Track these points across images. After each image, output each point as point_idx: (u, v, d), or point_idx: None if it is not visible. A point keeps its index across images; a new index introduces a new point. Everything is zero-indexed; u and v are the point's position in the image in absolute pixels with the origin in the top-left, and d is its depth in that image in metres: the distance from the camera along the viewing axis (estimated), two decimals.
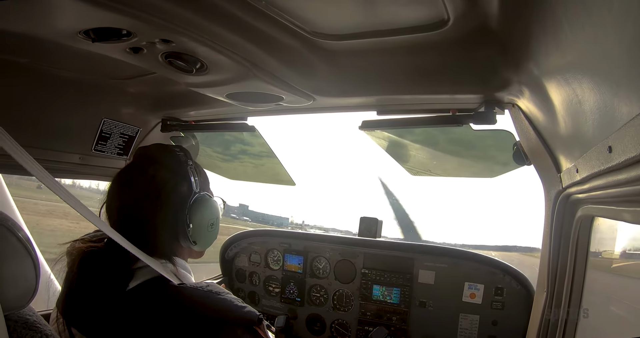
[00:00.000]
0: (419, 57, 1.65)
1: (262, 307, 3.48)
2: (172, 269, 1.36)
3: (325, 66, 1.77)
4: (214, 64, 1.60)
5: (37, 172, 1.05)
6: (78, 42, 1.39)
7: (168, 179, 1.40)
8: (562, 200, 1.72)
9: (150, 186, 1.37)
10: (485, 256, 2.78)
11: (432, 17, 1.36)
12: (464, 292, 2.75)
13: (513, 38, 1.35)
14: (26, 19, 1.23)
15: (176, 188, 1.41)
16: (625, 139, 0.84)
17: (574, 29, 0.94)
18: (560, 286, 1.87)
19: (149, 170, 1.40)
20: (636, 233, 1.76)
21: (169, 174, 1.41)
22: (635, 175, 0.89)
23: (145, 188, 1.37)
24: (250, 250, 3.54)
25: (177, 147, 1.53)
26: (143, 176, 1.39)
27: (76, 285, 1.31)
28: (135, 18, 1.24)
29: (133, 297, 1.27)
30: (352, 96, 2.06)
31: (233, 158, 3.48)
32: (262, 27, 1.46)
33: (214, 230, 1.52)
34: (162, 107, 2.64)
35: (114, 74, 2.17)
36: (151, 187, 1.37)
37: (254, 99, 2.01)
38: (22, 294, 1.17)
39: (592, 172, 1.13)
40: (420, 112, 2.12)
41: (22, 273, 1.16)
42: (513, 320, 2.60)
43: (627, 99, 0.83)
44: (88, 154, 2.49)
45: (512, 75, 1.60)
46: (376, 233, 3.14)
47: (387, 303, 2.96)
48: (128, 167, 1.48)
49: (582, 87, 1.06)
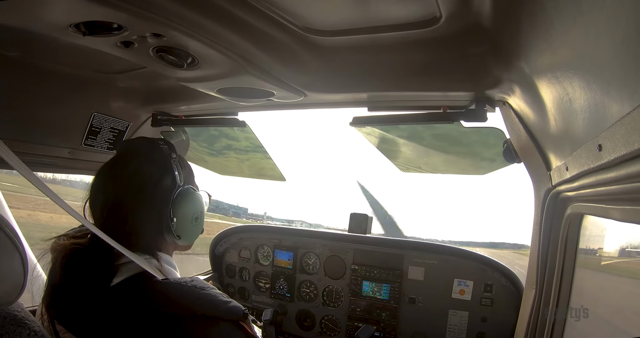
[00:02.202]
0: (411, 54, 1.65)
1: (252, 302, 3.48)
2: (156, 265, 1.36)
3: (316, 62, 1.76)
4: (205, 58, 1.59)
5: (18, 166, 1.04)
6: (69, 36, 1.37)
7: (152, 173, 1.40)
8: (552, 198, 1.73)
9: (133, 179, 1.37)
10: (475, 252, 2.80)
11: (424, 15, 1.36)
12: (454, 288, 2.76)
13: (504, 36, 1.35)
14: (17, 12, 1.22)
15: (160, 181, 1.40)
16: (615, 137, 0.85)
17: (565, 28, 0.94)
18: (549, 283, 1.89)
19: (132, 163, 1.40)
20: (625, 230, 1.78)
21: (152, 168, 1.41)
22: (625, 173, 0.90)
23: (128, 182, 1.37)
24: (240, 246, 3.53)
25: (162, 140, 1.52)
26: (126, 170, 1.39)
27: (60, 281, 1.30)
28: (127, 12, 1.23)
29: (117, 293, 1.26)
30: (343, 92, 2.06)
31: (218, 152, 3.47)
32: (254, 22, 1.45)
33: (199, 223, 1.51)
34: (153, 102, 2.62)
35: (105, 68, 2.15)
36: (134, 180, 1.37)
37: (245, 95, 2.00)
38: (10, 290, 1.16)
39: (582, 170, 1.14)
40: (411, 109, 2.12)
41: (10, 268, 1.15)
42: (502, 317, 2.62)
43: (618, 98, 0.83)
44: (78, 149, 2.46)
45: (503, 73, 1.61)
46: (366, 229, 3.15)
47: (377, 299, 2.97)
48: (112, 161, 1.47)
49: (572, 86, 1.06)
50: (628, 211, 1.13)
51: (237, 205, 14.24)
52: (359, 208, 5.21)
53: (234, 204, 13.88)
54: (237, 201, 25.18)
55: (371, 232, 3.19)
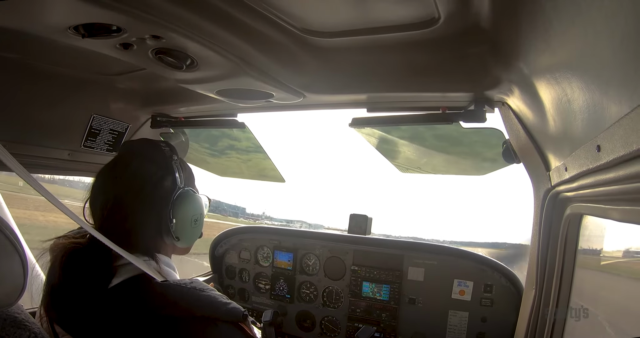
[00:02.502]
0: (410, 55, 1.65)
1: (252, 303, 3.47)
2: (154, 266, 1.36)
3: (315, 63, 1.76)
4: (204, 60, 1.59)
5: (16, 168, 1.04)
6: (68, 38, 1.37)
7: (152, 174, 1.40)
8: (551, 198, 1.73)
9: (133, 180, 1.37)
10: (475, 253, 2.80)
11: (423, 15, 1.36)
12: (454, 289, 2.76)
13: (503, 37, 1.35)
14: (16, 14, 1.22)
15: (160, 182, 1.40)
16: (614, 138, 0.85)
17: (564, 28, 0.94)
18: (549, 283, 1.89)
19: (133, 164, 1.40)
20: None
21: (153, 169, 1.41)
22: (623, 174, 0.90)
23: (128, 182, 1.37)
24: (240, 247, 3.53)
25: (163, 142, 1.52)
26: (127, 170, 1.39)
27: (58, 282, 1.30)
28: (126, 14, 1.23)
29: (115, 295, 1.26)
30: (342, 93, 2.06)
31: (220, 153, 3.46)
32: (253, 23, 1.45)
33: (198, 226, 1.51)
34: (152, 104, 2.62)
35: (104, 70, 2.15)
36: (134, 181, 1.37)
37: (244, 96, 2.00)
38: (10, 292, 1.16)
39: (581, 171, 1.14)
40: (411, 109, 2.12)
41: (10, 270, 1.15)
42: (502, 317, 2.62)
43: (617, 99, 0.84)
44: (77, 150, 2.46)
45: (502, 74, 1.61)
46: (366, 230, 3.15)
47: (377, 300, 2.97)
48: (113, 161, 1.47)
49: (571, 87, 1.07)
50: (627, 212, 1.13)
51: (236, 205, 14.05)
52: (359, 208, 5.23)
53: (232, 204, 13.67)
54: (235, 200, 24.85)
55: (371, 233, 3.19)
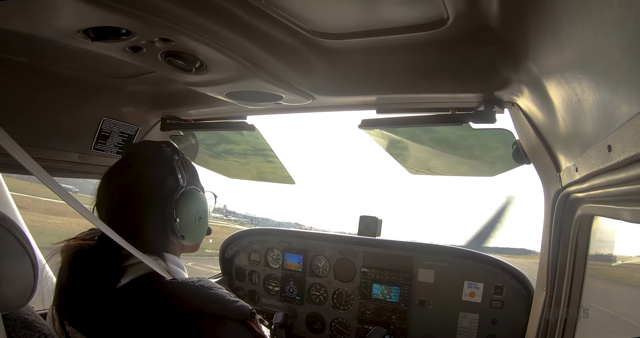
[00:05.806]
0: (419, 56, 1.65)
1: (262, 305, 3.47)
2: (163, 265, 1.37)
3: (324, 65, 1.77)
4: (213, 63, 1.60)
5: (35, 170, 1.05)
6: (77, 42, 1.39)
7: (154, 174, 1.42)
8: (562, 199, 1.72)
9: (136, 181, 1.39)
10: (485, 255, 2.78)
11: (432, 16, 1.36)
12: (464, 291, 2.74)
13: (512, 37, 1.35)
14: (26, 18, 1.23)
15: (163, 182, 1.42)
16: (625, 138, 0.84)
17: (574, 28, 0.94)
18: (559, 285, 1.87)
19: (136, 166, 1.42)
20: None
21: (155, 169, 1.43)
22: (635, 174, 0.89)
23: (132, 184, 1.39)
24: (250, 249, 3.54)
25: (164, 143, 1.54)
26: (130, 172, 1.41)
27: (68, 282, 1.32)
28: (135, 17, 1.24)
29: (125, 294, 1.28)
30: (351, 95, 2.06)
31: (227, 154, 3.48)
32: (262, 26, 1.46)
33: (202, 223, 1.52)
34: (162, 106, 2.64)
35: (114, 73, 2.17)
36: (137, 182, 1.39)
37: (254, 98, 2.01)
38: (20, 293, 1.18)
39: (592, 171, 1.13)
40: (420, 111, 2.12)
41: (21, 272, 1.17)
42: (512, 319, 2.60)
43: (627, 98, 0.83)
44: (87, 153, 2.48)
45: (512, 74, 1.60)
46: (375, 232, 3.13)
47: (387, 302, 2.96)
48: (116, 164, 1.49)
49: (581, 87, 1.06)
50: (639, 212, 1.12)
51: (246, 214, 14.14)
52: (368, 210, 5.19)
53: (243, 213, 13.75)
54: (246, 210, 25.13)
55: (380, 235, 3.18)
